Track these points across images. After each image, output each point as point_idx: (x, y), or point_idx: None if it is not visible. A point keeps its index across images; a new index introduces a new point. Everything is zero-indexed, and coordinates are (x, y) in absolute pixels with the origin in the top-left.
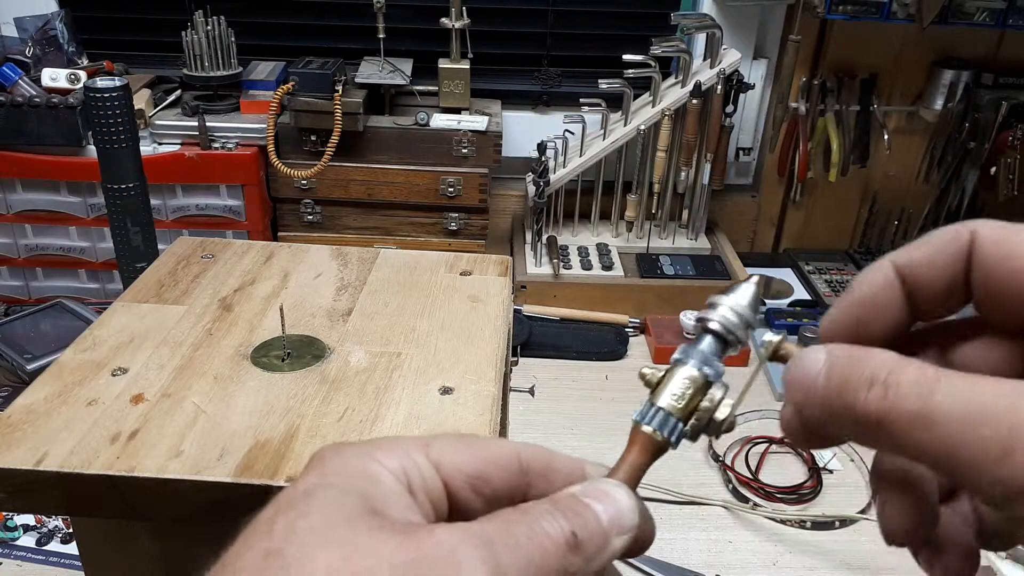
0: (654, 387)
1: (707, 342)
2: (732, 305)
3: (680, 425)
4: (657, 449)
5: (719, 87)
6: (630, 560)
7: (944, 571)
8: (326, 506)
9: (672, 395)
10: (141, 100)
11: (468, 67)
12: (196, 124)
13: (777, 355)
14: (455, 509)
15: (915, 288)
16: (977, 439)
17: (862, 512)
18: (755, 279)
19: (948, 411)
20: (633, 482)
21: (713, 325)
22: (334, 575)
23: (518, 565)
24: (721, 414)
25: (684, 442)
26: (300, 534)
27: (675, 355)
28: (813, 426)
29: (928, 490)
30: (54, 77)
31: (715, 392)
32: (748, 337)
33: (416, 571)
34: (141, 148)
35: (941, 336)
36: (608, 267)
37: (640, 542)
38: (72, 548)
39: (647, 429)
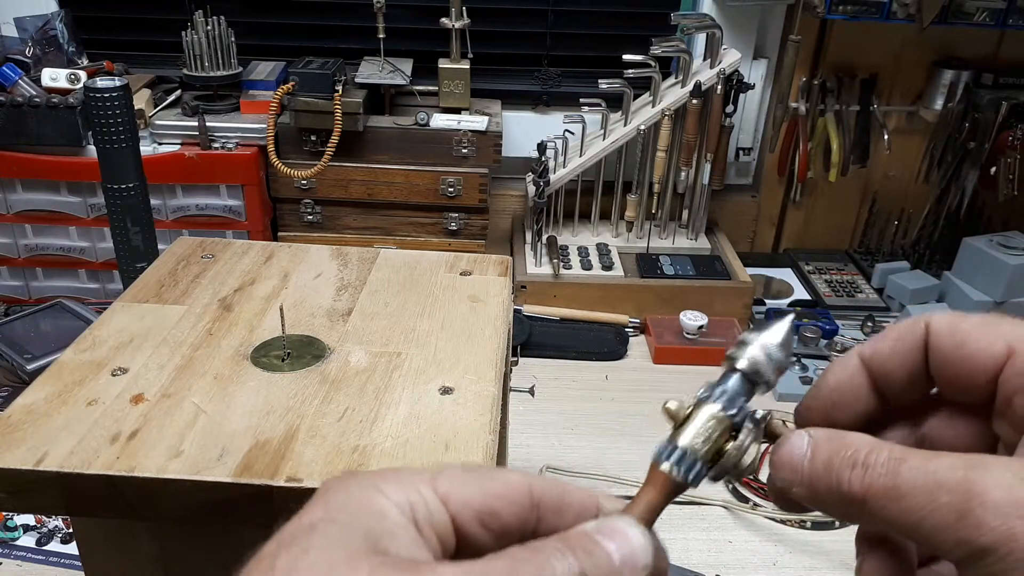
0: (677, 424)
1: (734, 381)
2: (763, 345)
3: (700, 467)
4: (675, 489)
5: (719, 87)
6: None
7: None
8: (329, 543)
9: (695, 435)
10: (141, 100)
11: (468, 67)
12: (196, 124)
13: (766, 433)
14: (463, 543)
15: (880, 378)
16: (938, 506)
17: None
18: (790, 317)
19: (912, 484)
20: (648, 520)
21: (741, 364)
22: None
23: None
24: (746, 459)
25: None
26: (301, 571)
27: (700, 392)
28: (801, 502)
29: (905, 553)
30: (54, 77)
31: (740, 435)
32: (777, 380)
33: None
34: (141, 148)
35: (911, 414)
36: (608, 267)
37: None
38: (72, 548)
39: (666, 468)
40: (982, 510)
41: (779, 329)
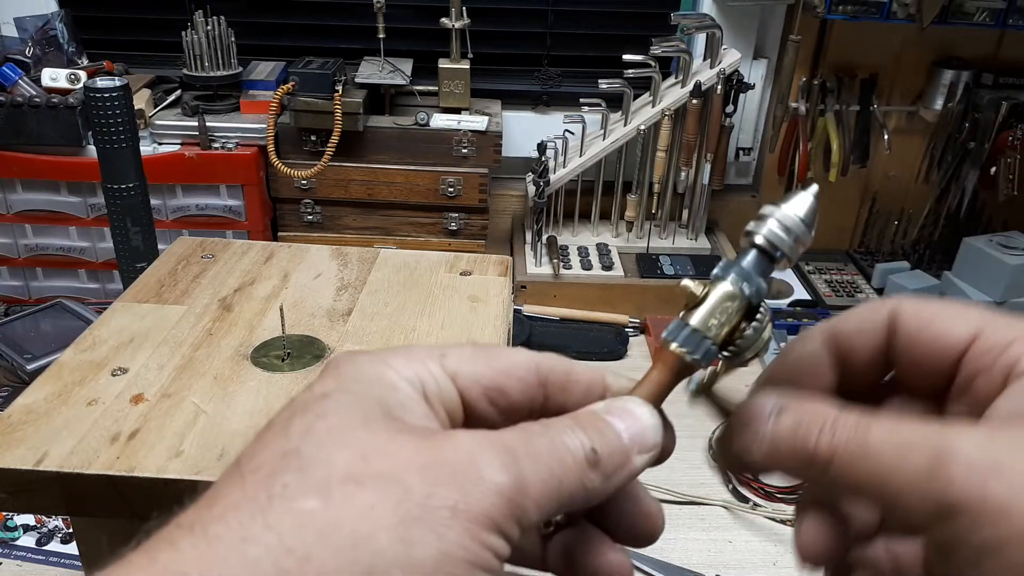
0: (692, 304)
1: (751, 257)
2: (782, 217)
3: (712, 346)
4: (684, 369)
5: (719, 87)
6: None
7: None
8: (343, 408)
9: (707, 314)
10: (141, 100)
11: (468, 67)
12: (196, 124)
13: (719, 405)
14: (471, 420)
15: (844, 355)
16: (908, 464)
17: None
18: (814, 187)
19: (881, 446)
20: (656, 400)
21: (758, 239)
22: (352, 474)
23: (539, 475)
24: (763, 339)
25: (681, 441)
26: (317, 434)
27: (716, 270)
28: (756, 462)
29: (845, 521)
30: (54, 77)
31: (759, 313)
32: (798, 254)
33: (435, 473)
34: (141, 148)
35: (865, 400)
36: (608, 267)
37: (662, 455)
38: (72, 548)
39: (675, 348)
40: (954, 467)
41: (802, 200)
